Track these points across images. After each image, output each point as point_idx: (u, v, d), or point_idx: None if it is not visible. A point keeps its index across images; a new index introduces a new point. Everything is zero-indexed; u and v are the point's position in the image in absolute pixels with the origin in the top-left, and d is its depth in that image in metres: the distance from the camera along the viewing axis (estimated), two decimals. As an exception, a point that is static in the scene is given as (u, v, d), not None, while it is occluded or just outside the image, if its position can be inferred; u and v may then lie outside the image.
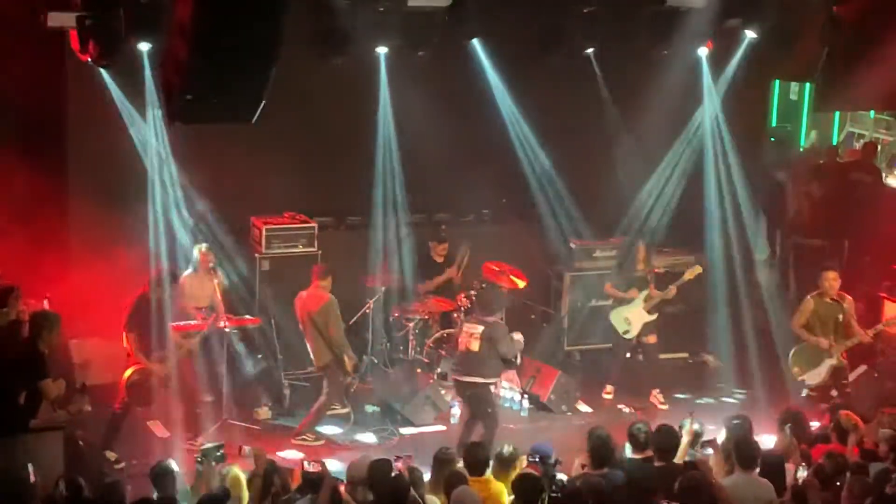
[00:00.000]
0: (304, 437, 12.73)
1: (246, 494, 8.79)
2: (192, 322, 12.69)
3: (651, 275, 14.27)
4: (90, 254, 13.06)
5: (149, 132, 12.94)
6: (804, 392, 12.58)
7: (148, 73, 11.70)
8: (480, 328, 11.99)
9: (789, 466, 9.54)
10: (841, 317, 12.73)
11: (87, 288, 12.70)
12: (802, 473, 9.06)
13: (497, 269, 14.32)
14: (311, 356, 12.97)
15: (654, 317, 14.10)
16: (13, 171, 13.15)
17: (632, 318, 14.12)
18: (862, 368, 12.94)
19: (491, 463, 9.74)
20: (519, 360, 12.50)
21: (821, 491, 8.76)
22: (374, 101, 14.26)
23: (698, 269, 14.38)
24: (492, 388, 12.45)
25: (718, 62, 14.81)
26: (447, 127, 14.38)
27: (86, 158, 13.71)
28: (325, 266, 13.04)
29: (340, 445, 12.71)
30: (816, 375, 12.54)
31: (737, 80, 14.96)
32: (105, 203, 13.11)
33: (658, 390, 14.17)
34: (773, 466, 9.40)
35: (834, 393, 12.42)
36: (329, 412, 13.10)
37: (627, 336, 14.17)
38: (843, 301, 12.76)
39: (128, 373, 12.09)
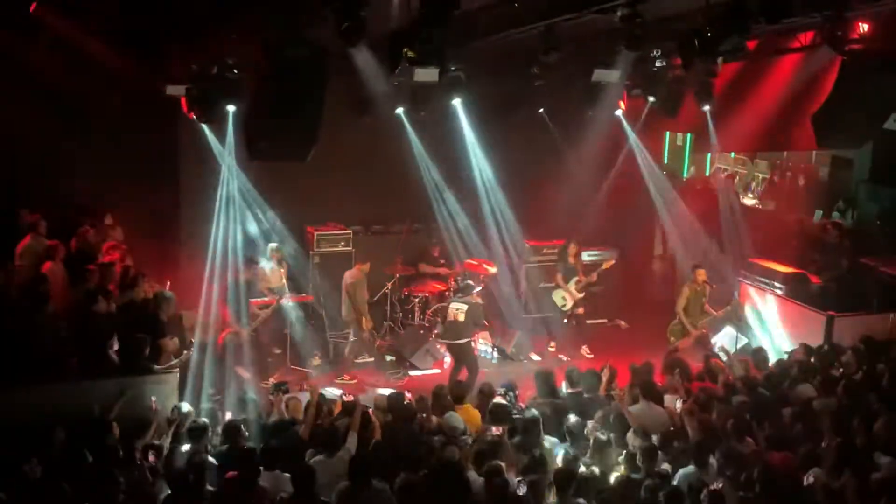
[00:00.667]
0: (342, 377, 12.69)
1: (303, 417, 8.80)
2: (266, 298, 12.67)
3: (580, 265, 14.26)
4: (196, 252, 12.99)
5: (231, 171, 12.89)
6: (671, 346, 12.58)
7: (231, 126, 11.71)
8: (465, 307, 12.01)
9: (672, 397, 9.54)
10: (704, 300, 12.75)
11: (194, 275, 12.63)
12: (679, 404, 9.00)
13: (475, 262, 14.27)
14: (343, 311, 13.11)
15: (583, 295, 14.08)
16: (142, 197, 13.11)
17: (567, 295, 14.11)
18: (725, 328, 12.91)
19: (474, 395, 9.76)
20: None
21: (698, 413, 8.79)
22: (393, 145, 13.89)
23: (612, 262, 14.41)
24: (472, 343, 12.46)
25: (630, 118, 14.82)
26: (442, 163, 14.35)
27: (192, 187, 13.63)
28: (365, 255, 13.25)
29: (368, 383, 12.67)
30: (683, 343, 12.52)
31: (643, 131, 14.98)
32: (205, 218, 13.05)
33: (586, 345, 14.14)
34: (661, 396, 9.44)
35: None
36: (359, 360, 13.09)
37: (564, 308, 14.15)
38: (705, 289, 12.78)
39: (223, 335, 12.11)
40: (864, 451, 7.79)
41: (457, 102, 12.68)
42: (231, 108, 11.20)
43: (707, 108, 13.18)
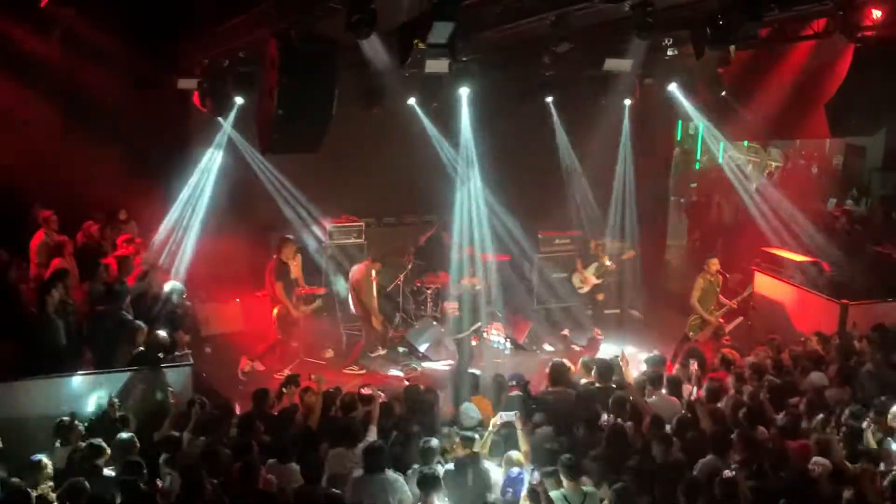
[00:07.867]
0: (351, 367, 12.71)
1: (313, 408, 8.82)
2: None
3: (602, 251, 14.13)
4: (210, 245, 13.04)
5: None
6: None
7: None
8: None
9: (687, 387, 9.55)
10: (717, 290, 12.66)
11: (208, 269, 12.69)
12: (693, 392, 8.97)
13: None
14: (351, 307, 13.15)
15: (601, 281, 14.03)
16: (155, 191, 13.17)
17: (586, 279, 14.07)
18: (739, 319, 12.86)
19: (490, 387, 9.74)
20: None
21: (708, 404, 8.79)
22: (404, 137, 13.77)
23: (632, 253, 14.40)
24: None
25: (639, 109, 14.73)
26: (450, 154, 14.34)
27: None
28: (374, 252, 13.18)
29: (381, 374, 12.67)
30: (702, 335, 12.46)
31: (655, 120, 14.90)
32: (219, 210, 13.08)
33: (598, 329, 14.02)
34: (673, 386, 9.43)
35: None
36: (373, 353, 13.07)
37: (581, 291, 14.10)
38: (718, 279, 12.68)
39: (275, 310, 12.26)
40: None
41: (463, 91, 12.60)
42: (239, 101, 11.28)
43: (718, 96, 13.05)
